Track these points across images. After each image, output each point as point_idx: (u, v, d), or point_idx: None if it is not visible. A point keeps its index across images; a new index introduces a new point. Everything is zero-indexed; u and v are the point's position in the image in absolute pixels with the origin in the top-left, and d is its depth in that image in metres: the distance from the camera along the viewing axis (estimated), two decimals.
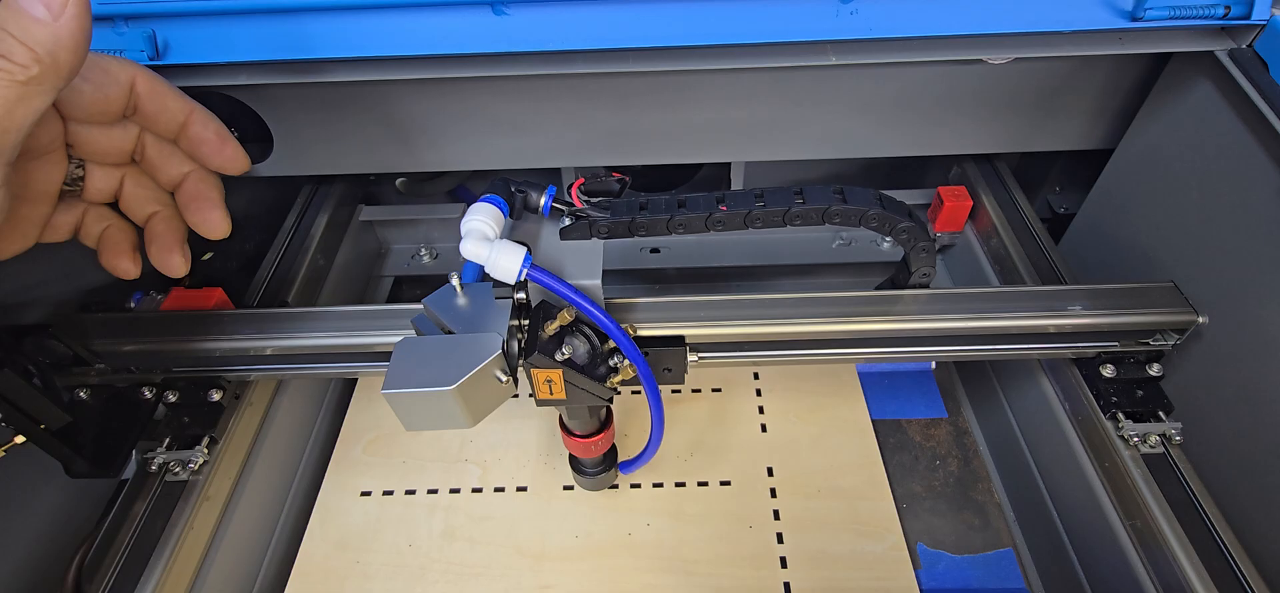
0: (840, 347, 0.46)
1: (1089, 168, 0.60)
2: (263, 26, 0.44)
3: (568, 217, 0.40)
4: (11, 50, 0.25)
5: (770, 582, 0.52)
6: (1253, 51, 0.44)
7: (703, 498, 0.57)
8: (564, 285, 0.36)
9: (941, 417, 0.64)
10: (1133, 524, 0.44)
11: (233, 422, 0.49)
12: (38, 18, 0.26)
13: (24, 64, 0.25)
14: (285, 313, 0.49)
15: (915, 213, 0.41)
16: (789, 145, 0.58)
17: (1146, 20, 0.43)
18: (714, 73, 0.51)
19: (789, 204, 0.38)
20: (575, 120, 0.55)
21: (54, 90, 0.27)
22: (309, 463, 0.59)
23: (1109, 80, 0.54)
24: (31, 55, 0.25)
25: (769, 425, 0.61)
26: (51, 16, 0.26)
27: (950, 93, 0.54)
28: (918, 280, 0.45)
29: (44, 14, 0.26)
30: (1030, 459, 0.55)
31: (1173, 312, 0.45)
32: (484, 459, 0.59)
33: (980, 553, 0.55)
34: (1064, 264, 0.55)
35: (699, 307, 0.45)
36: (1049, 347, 0.47)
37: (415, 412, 0.35)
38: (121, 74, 0.32)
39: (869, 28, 0.43)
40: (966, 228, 0.65)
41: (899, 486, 0.58)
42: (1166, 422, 0.45)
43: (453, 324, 0.38)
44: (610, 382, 0.39)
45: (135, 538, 0.43)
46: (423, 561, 0.53)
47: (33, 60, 0.25)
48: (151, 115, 0.34)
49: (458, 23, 0.44)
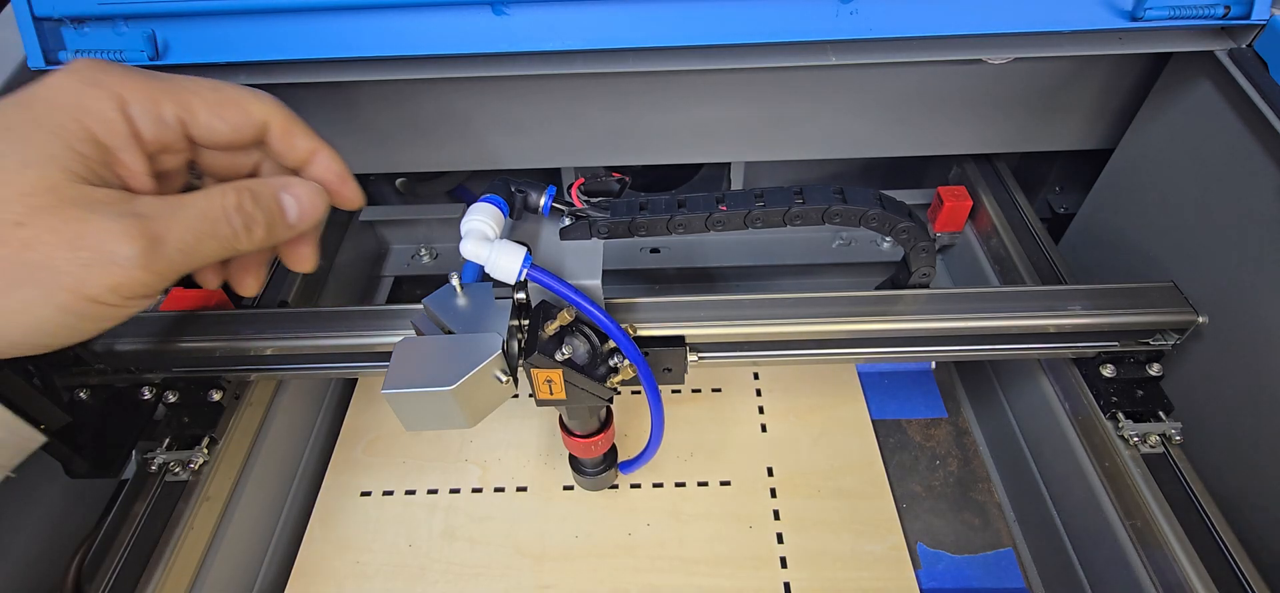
0: (840, 347, 0.46)
1: (1089, 168, 0.60)
2: (262, 27, 0.44)
3: (568, 217, 0.40)
4: (253, 228, 0.30)
5: (770, 582, 0.52)
6: (1253, 51, 0.44)
7: (703, 498, 0.57)
8: (564, 285, 0.36)
9: (941, 417, 0.64)
10: (1133, 524, 0.44)
11: (233, 422, 0.49)
12: (288, 221, 0.32)
13: (253, 240, 0.30)
14: (285, 313, 0.49)
15: (915, 213, 0.41)
16: (789, 145, 0.58)
17: (1146, 20, 0.43)
18: (714, 73, 0.51)
19: (789, 204, 0.38)
20: (575, 120, 0.55)
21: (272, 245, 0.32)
22: (309, 463, 0.59)
23: (1109, 80, 0.54)
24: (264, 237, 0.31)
25: (769, 426, 0.61)
26: (293, 224, 0.32)
27: (950, 93, 0.54)
28: (918, 280, 0.45)
29: (293, 219, 0.32)
30: (1030, 459, 0.55)
31: (1173, 312, 0.45)
32: (484, 459, 0.59)
33: (980, 553, 0.55)
34: (1064, 264, 0.55)
35: (699, 307, 0.45)
36: (1049, 347, 0.47)
37: (415, 412, 0.35)
38: (258, 114, 0.33)
39: (869, 28, 0.43)
40: (966, 228, 0.65)
41: (899, 486, 0.58)
42: (1166, 422, 0.45)
43: (453, 324, 0.38)
44: (610, 382, 0.39)
45: (135, 538, 0.43)
46: (423, 561, 0.53)
47: (262, 239, 0.31)
48: (279, 152, 0.35)
49: (458, 23, 0.44)
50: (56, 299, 0.25)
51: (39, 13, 0.43)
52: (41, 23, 0.43)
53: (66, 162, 0.26)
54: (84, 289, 0.25)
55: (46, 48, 0.44)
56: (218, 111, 0.31)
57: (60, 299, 0.25)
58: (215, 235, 0.28)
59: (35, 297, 0.25)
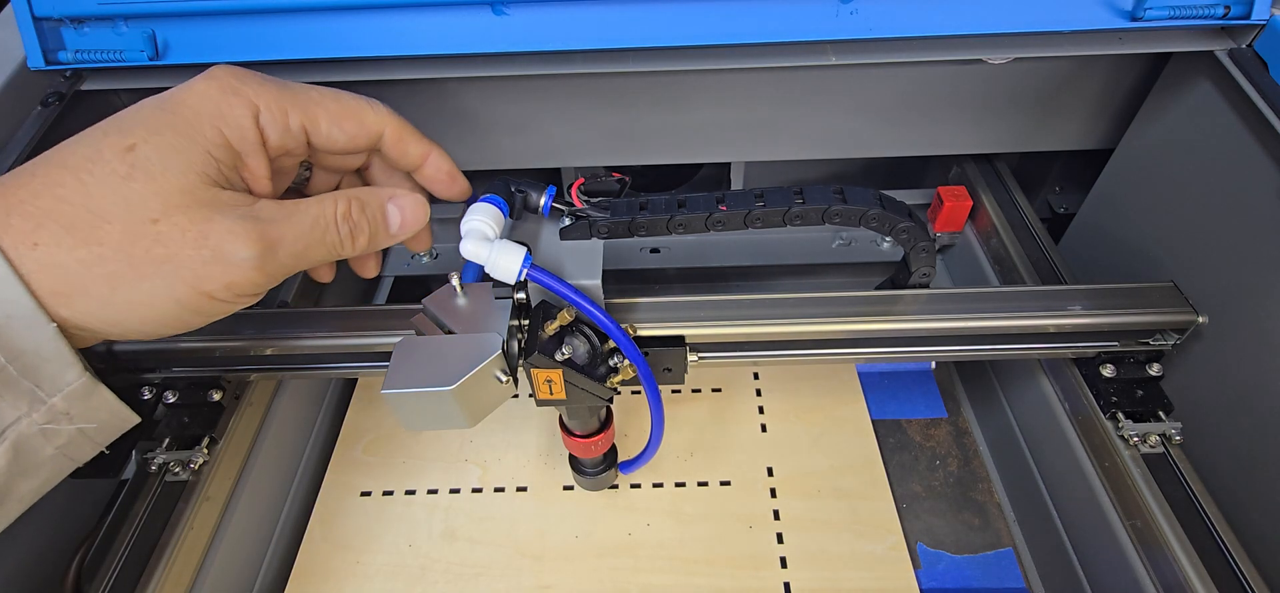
0: (840, 347, 0.46)
1: (1089, 168, 0.60)
2: (262, 27, 0.44)
3: (568, 217, 0.40)
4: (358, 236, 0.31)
5: (770, 582, 0.52)
6: (1253, 51, 0.44)
7: (703, 498, 0.57)
8: (564, 285, 0.36)
9: (941, 417, 0.64)
10: (1133, 524, 0.44)
11: (233, 422, 0.49)
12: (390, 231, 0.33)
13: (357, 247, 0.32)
14: (285, 313, 0.49)
15: (915, 213, 0.40)
16: (789, 145, 0.58)
17: (1146, 20, 0.43)
18: (714, 73, 0.51)
19: (789, 204, 0.38)
20: (575, 120, 0.55)
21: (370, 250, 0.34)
22: (309, 463, 0.59)
23: (1109, 80, 0.54)
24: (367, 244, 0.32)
25: (769, 426, 0.61)
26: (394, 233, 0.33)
27: (950, 93, 0.54)
28: (918, 280, 0.45)
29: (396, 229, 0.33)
30: (1030, 459, 0.55)
31: (1173, 312, 0.45)
32: (484, 459, 0.59)
33: (980, 553, 0.55)
34: (1064, 264, 0.55)
35: (699, 307, 0.45)
36: (1049, 347, 0.47)
37: (415, 412, 0.35)
38: (373, 124, 0.35)
39: (869, 28, 0.43)
40: (966, 228, 0.65)
41: (899, 486, 0.58)
42: (1166, 422, 0.45)
43: (453, 324, 0.38)
44: (610, 382, 0.39)
45: (135, 538, 0.43)
46: (423, 561, 0.53)
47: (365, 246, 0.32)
48: (393, 158, 0.37)
49: (458, 23, 0.44)
50: (176, 292, 0.27)
51: (39, 13, 0.43)
52: (41, 23, 0.43)
53: (201, 165, 0.28)
54: (202, 285, 0.27)
55: (46, 48, 0.44)
56: (338, 122, 0.33)
57: (179, 292, 0.27)
58: (323, 243, 0.30)
59: (159, 289, 0.27)
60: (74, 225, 0.26)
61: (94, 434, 0.30)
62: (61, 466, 0.30)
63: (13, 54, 0.45)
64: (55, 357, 0.27)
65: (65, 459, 0.30)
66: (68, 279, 0.26)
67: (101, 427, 0.30)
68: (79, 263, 0.26)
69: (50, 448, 0.29)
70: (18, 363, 0.26)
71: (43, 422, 0.28)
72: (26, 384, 0.27)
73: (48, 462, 0.29)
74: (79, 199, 0.26)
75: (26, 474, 0.28)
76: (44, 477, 0.29)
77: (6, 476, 0.27)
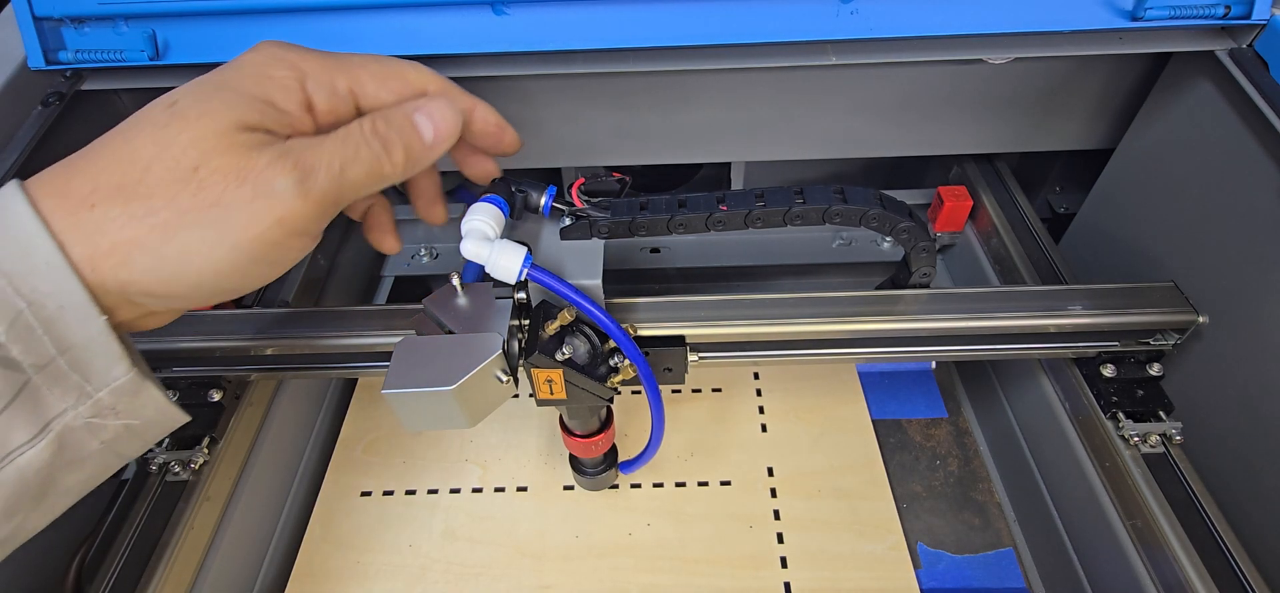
0: (840, 347, 0.46)
1: (1089, 168, 0.60)
2: (263, 27, 0.44)
3: (568, 217, 0.40)
4: (391, 148, 0.30)
5: (770, 582, 0.52)
6: (1253, 51, 0.44)
7: (703, 498, 0.57)
8: (564, 285, 0.36)
9: (941, 417, 0.64)
10: (1133, 524, 0.44)
11: (233, 422, 0.49)
12: (424, 141, 0.32)
13: (394, 162, 0.30)
14: (285, 313, 0.49)
15: (915, 213, 0.41)
16: (789, 145, 0.58)
17: (1146, 20, 0.43)
18: (714, 73, 0.51)
19: (789, 204, 0.38)
20: (576, 120, 0.55)
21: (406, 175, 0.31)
22: (309, 463, 0.59)
23: (1109, 80, 0.54)
24: (403, 158, 0.31)
25: (769, 426, 0.61)
26: (430, 144, 0.32)
27: (950, 93, 0.54)
28: (918, 280, 0.45)
29: (430, 139, 0.32)
30: (1030, 459, 0.55)
31: (1173, 312, 0.45)
32: (484, 459, 0.59)
33: (980, 553, 0.55)
34: (1064, 264, 0.55)
35: (699, 307, 0.45)
36: (1049, 347, 0.47)
37: (415, 412, 0.35)
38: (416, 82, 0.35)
39: (869, 28, 0.43)
40: (966, 228, 0.65)
41: (899, 486, 0.58)
42: (1166, 422, 0.45)
43: (453, 324, 0.38)
44: (610, 382, 0.39)
45: (135, 538, 0.43)
46: (423, 561, 0.53)
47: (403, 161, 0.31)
48: None
49: (458, 23, 0.44)
50: (230, 238, 0.27)
51: (39, 13, 0.43)
52: (41, 23, 0.43)
53: (240, 114, 0.28)
54: (254, 226, 0.27)
55: (46, 48, 0.44)
56: (383, 82, 0.33)
57: (233, 237, 0.27)
58: (358, 159, 0.29)
59: (211, 237, 0.27)
60: (124, 183, 0.26)
61: (141, 431, 0.30)
62: (108, 461, 0.30)
63: (13, 54, 0.45)
64: (104, 351, 0.27)
65: (112, 455, 0.30)
66: (123, 235, 0.26)
67: (148, 423, 0.30)
68: (132, 217, 0.26)
69: (96, 442, 0.29)
70: (67, 355, 0.26)
71: (89, 416, 0.28)
72: (75, 378, 0.27)
73: (93, 456, 0.29)
74: (126, 155, 0.27)
75: (71, 468, 0.28)
76: (89, 471, 0.29)
77: (51, 468, 0.27)
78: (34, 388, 0.26)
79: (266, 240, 0.27)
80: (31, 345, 0.25)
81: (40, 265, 0.25)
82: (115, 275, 0.26)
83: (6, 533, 0.27)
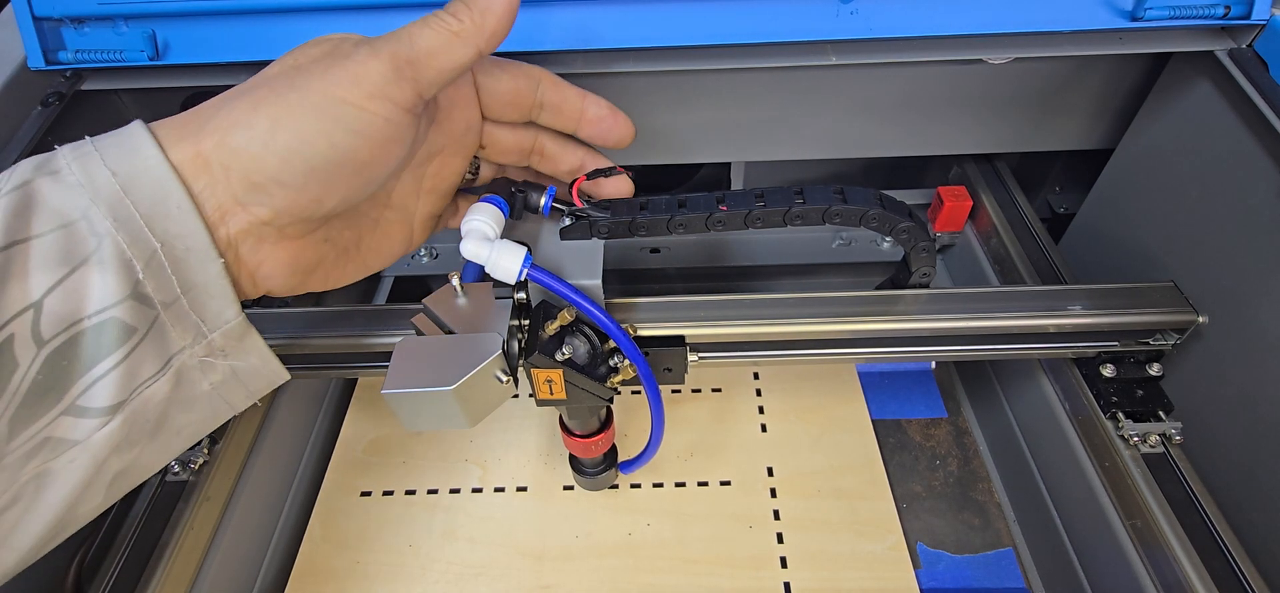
0: (840, 347, 0.46)
1: (1089, 168, 0.60)
2: (263, 27, 0.44)
3: (568, 217, 0.40)
4: (456, 10, 0.31)
5: (770, 582, 0.52)
6: (1253, 51, 0.44)
7: (703, 498, 0.57)
8: (564, 285, 0.36)
9: (941, 417, 0.64)
10: (1133, 524, 0.44)
11: (233, 422, 0.49)
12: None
13: (459, 19, 0.31)
14: (285, 313, 0.49)
15: (915, 213, 0.40)
16: (789, 145, 0.58)
17: (1146, 20, 0.43)
18: (714, 73, 0.51)
19: (789, 204, 0.38)
20: None
21: (477, 49, 0.31)
22: (309, 463, 0.59)
23: (1109, 80, 0.54)
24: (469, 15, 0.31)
25: (769, 425, 0.61)
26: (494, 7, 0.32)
27: (950, 93, 0.54)
28: (918, 280, 0.45)
29: None
30: (1030, 459, 0.55)
31: (1173, 312, 0.45)
32: (484, 459, 0.59)
33: (980, 553, 0.55)
34: (1064, 264, 0.55)
35: (699, 307, 0.45)
36: (1049, 347, 0.47)
37: (415, 412, 0.35)
38: (531, 71, 0.38)
39: (869, 28, 0.43)
40: (966, 228, 0.65)
41: (899, 486, 0.58)
42: (1166, 421, 0.45)
43: (453, 324, 0.38)
44: (610, 382, 0.39)
45: (135, 538, 0.43)
46: (423, 561, 0.53)
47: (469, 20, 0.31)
48: (555, 105, 0.39)
49: None
50: (310, 99, 0.28)
51: (39, 13, 0.43)
52: (41, 23, 0.43)
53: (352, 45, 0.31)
54: (331, 86, 0.29)
55: (46, 48, 0.44)
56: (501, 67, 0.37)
57: (313, 99, 0.28)
58: (426, 23, 0.31)
59: (294, 99, 0.28)
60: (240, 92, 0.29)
61: (247, 379, 0.32)
62: (216, 407, 0.32)
63: (13, 54, 0.45)
64: (220, 293, 0.29)
65: (220, 400, 0.32)
66: (216, 114, 0.28)
67: (253, 372, 0.32)
68: (226, 101, 0.29)
69: (206, 383, 0.30)
70: (190, 295, 0.28)
71: (202, 355, 0.29)
72: (194, 318, 0.28)
73: (204, 399, 0.31)
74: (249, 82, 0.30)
75: (185, 407, 0.30)
76: (200, 414, 0.31)
77: (168, 403, 0.29)
78: (161, 324, 0.28)
79: (344, 101, 0.29)
80: (162, 284, 0.27)
81: (173, 210, 0.27)
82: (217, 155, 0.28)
83: (124, 465, 0.29)
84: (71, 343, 0.26)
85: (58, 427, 0.26)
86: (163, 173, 0.27)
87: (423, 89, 0.31)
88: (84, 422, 0.27)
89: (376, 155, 0.31)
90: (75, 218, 0.26)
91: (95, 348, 0.26)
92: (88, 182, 0.26)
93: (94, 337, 0.26)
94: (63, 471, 0.27)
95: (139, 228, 0.26)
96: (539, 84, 0.38)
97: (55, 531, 0.28)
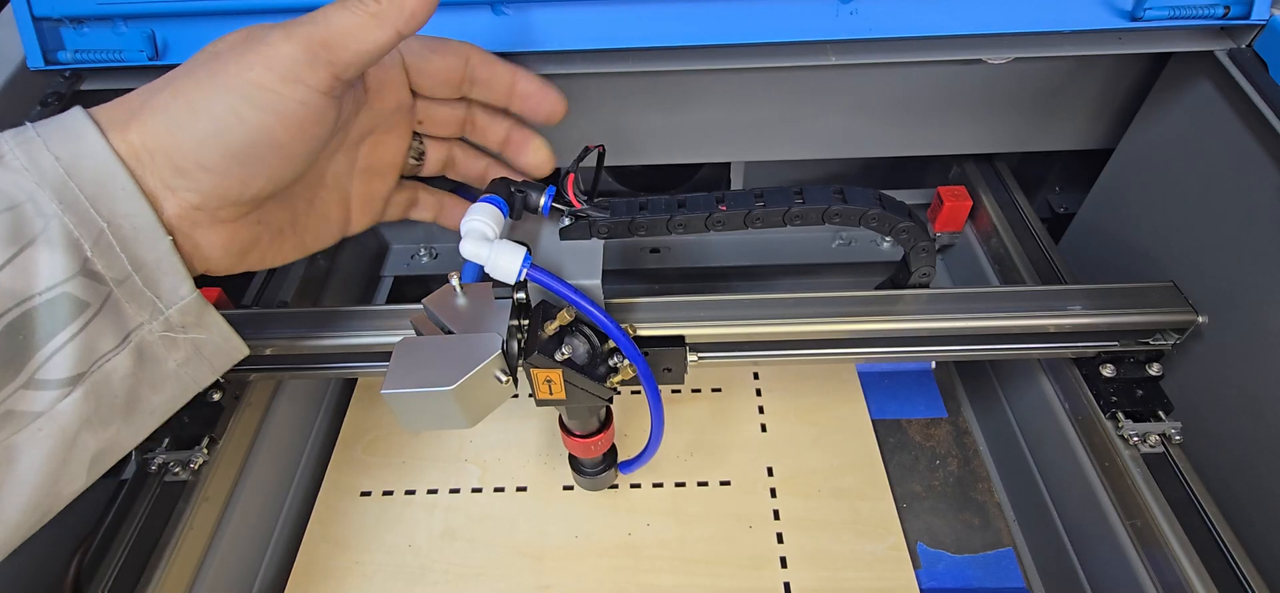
0: (840, 347, 0.46)
1: (1089, 168, 0.60)
2: None
3: (568, 217, 0.40)
4: None
5: (770, 582, 0.52)
6: (1252, 51, 0.44)
7: (703, 498, 0.57)
8: (564, 285, 0.36)
9: (941, 417, 0.64)
10: (1133, 524, 0.44)
11: (232, 422, 0.49)
12: None
13: (377, 1, 0.30)
14: (285, 313, 0.49)
15: (915, 213, 0.41)
16: (789, 145, 0.58)
17: (1146, 20, 0.43)
18: (714, 73, 0.51)
19: (789, 204, 0.38)
20: (574, 120, 0.55)
21: (396, 31, 0.31)
22: (309, 463, 0.59)
23: (1109, 80, 0.54)
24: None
25: (769, 425, 0.61)
26: None
27: (950, 93, 0.54)
28: (918, 280, 0.45)
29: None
30: (1030, 459, 0.55)
31: (1173, 312, 0.45)
32: (484, 459, 0.59)
33: (980, 553, 0.55)
34: (1064, 264, 0.55)
35: (699, 307, 0.45)
36: (1049, 347, 0.47)
37: (415, 412, 0.35)
38: (460, 49, 0.39)
39: (869, 28, 0.43)
40: (966, 228, 0.65)
41: (899, 486, 0.58)
42: (1166, 421, 0.45)
43: (453, 324, 0.38)
44: (610, 382, 0.39)
45: (135, 538, 0.43)
46: (423, 561, 0.53)
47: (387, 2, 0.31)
48: (485, 80, 0.40)
49: (457, 23, 0.43)
50: (224, 83, 0.29)
51: (38, 13, 0.43)
52: (41, 23, 0.43)
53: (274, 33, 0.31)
54: (245, 70, 0.29)
55: (46, 48, 0.44)
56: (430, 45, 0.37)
57: (227, 82, 0.29)
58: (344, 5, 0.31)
59: (210, 85, 0.29)
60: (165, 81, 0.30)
61: (210, 356, 0.33)
62: (184, 384, 0.33)
63: (12, 54, 0.45)
64: (172, 271, 0.30)
65: (187, 378, 0.33)
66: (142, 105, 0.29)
67: (215, 349, 0.33)
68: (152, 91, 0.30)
69: (171, 361, 0.31)
70: (141, 273, 0.29)
71: (162, 330, 0.30)
72: (148, 295, 0.29)
73: (171, 377, 0.32)
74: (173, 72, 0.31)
75: (154, 387, 0.31)
76: (169, 393, 0.32)
77: (134, 380, 0.30)
78: (115, 300, 0.29)
79: (257, 85, 0.29)
80: (112, 261, 0.28)
81: (118, 191, 0.28)
82: (143, 142, 0.28)
83: (102, 444, 0.30)
84: (25, 319, 0.26)
85: (18, 400, 0.27)
86: (106, 156, 0.28)
87: (339, 71, 0.31)
88: (44, 394, 0.27)
89: (294, 137, 0.31)
90: (21, 200, 0.26)
91: (50, 322, 0.27)
92: (32, 166, 0.27)
93: (47, 312, 0.27)
94: (29, 443, 0.28)
95: (85, 209, 0.27)
96: (468, 61, 0.39)
97: (39, 508, 0.29)
